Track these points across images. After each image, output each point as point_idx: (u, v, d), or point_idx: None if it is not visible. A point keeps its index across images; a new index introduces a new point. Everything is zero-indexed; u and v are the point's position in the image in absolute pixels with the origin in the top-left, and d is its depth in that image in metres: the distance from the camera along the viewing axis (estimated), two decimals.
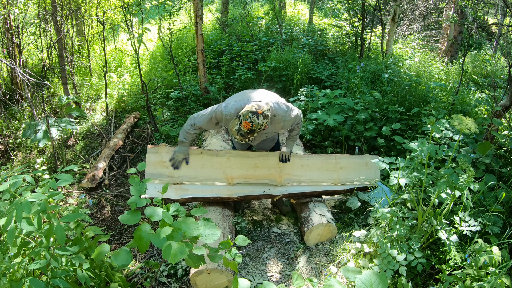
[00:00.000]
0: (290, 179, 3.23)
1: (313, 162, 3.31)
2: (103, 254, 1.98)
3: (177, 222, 1.74)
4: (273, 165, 3.13)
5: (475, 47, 9.05)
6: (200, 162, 3.04)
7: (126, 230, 3.35)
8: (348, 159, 3.44)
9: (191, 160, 3.00)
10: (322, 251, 2.93)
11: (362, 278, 1.94)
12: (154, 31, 8.48)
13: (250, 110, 2.44)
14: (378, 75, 5.48)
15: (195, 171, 3.03)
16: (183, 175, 3.02)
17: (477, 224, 2.35)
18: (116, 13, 6.20)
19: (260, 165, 3.11)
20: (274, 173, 3.16)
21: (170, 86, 6.05)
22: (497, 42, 8.24)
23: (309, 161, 3.30)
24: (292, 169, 3.22)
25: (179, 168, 2.97)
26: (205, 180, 3.06)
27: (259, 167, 3.11)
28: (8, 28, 4.92)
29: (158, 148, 2.98)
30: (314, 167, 3.30)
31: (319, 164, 3.32)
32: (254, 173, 3.11)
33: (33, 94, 4.82)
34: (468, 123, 2.14)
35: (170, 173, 2.95)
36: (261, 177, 3.16)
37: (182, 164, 2.99)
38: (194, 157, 3.02)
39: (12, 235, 1.67)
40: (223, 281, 2.46)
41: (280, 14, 9.23)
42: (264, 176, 3.16)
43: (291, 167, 3.20)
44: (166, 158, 2.97)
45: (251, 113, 2.42)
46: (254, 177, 3.13)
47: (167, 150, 2.97)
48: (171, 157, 2.97)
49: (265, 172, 3.14)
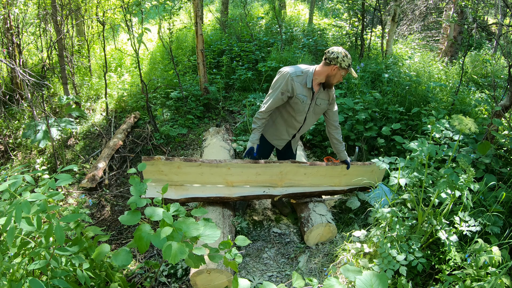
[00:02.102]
0: (291, 183, 3.18)
1: (317, 171, 3.21)
2: (103, 254, 1.98)
3: (177, 222, 1.74)
4: (275, 173, 3.08)
5: (475, 47, 9.05)
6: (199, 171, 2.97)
7: (126, 230, 3.35)
8: (355, 167, 3.31)
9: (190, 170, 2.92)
10: (322, 251, 2.93)
11: (362, 278, 1.94)
12: (154, 31, 8.48)
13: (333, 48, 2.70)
14: (378, 75, 5.48)
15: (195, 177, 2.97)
16: (182, 180, 2.97)
17: (477, 224, 2.34)
18: (116, 13, 6.21)
19: (261, 173, 3.05)
20: (276, 179, 3.11)
21: (170, 86, 6.05)
22: (497, 42, 8.24)
23: (313, 170, 3.19)
24: (294, 176, 3.16)
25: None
26: (205, 184, 3.01)
27: (260, 174, 3.05)
28: (8, 28, 4.92)
29: (154, 161, 2.80)
30: (318, 174, 3.23)
31: (323, 172, 3.24)
32: (255, 179, 3.06)
33: (33, 94, 4.82)
34: (468, 123, 2.14)
35: (169, 179, 2.89)
36: (262, 182, 3.10)
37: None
38: (192, 168, 2.91)
39: (12, 235, 1.67)
40: (223, 281, 2.46)
41: (280, 14, 9.23)
42: (265, 180, 3.10)
43: (294, 174, 3.14)
44: (163, 168, 2.84)
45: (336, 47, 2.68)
46: (255, 182, 3.08)
47: (163, 163, 2.82)
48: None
49: (266, 178, 3.08)
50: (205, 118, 5.47)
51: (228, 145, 4.22)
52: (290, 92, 2.74)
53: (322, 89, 2.84)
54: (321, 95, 2.86)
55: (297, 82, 2.72)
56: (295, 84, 2.72)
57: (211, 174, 2.96)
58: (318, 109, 2.92)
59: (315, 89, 2.80)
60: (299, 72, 2.74)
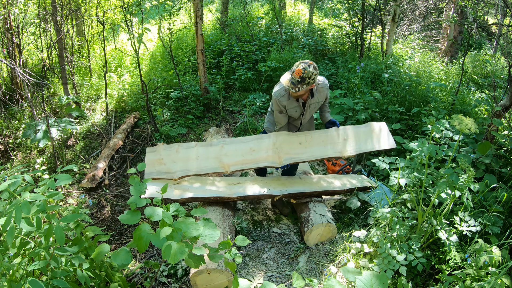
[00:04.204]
0: (290, 158, 3.07)
1: (312, 138, 3.13)
2: (103, 254, 1.98)
3: (177, 222, 1.74)
4: (269, 147, 3.03)
5: (475, 47, 9.04)
6: (195, 154, 3.07)
7: (126, 230, 3.35)
8: (351, 129, 3.23)
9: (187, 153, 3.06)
10: (322, 251, 2.93)
11: (362, 278, 1.94)
12: (154, 31, 8.48)
13: (301, 62, 2.70)
14: (378, 75, 5.48)
15: (191, 164, 3.04)
16: (180, 169, 3.03)
17: (477, 224, 2.34)
18: (116, 13, 6.20)
19: (255, 149, 3.03)
20: (272, 155, 3.03)
21: (170, 86, 6.05)
22: (497, 42, 8.24)
23: (307, 138, 3.13)
24: (290, 148, 3.06)
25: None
26: (201, 170, 3.02)
27: (255, 150, 3.02)
28: (8, 28, 4.92)
29: (156, 147, 3.09)
30: (314, 143, 3.12)
31: (319, 139, 3.14)
32: (250, 157, 3.01)
33: (33, 94, 4.82)
34: (468, 123, 2.14)
35: (168, 169, 2.97)
36: (259, 160, 3.04)
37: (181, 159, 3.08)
38: (189, 150, 3.07)
39: (12, 235, 1.67)
40: (223, 281, 2.46)
41: (280, 14, 9.23)
42: (262, 159, 3.03)
43: (289, 146, 3.05)
44: (164, 156, 3.04)
45: (302, 63, 2.67)
46: (251, 162, 3.03)
47: (164, 148, 3.07)
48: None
49: (262, 155, 3.02)
50: (205, 118, 5.47)
51: None
52: (284, 110, 2.99)
53: (311, 97, 2.95)
54: (314, 100, 3.00)
55: (284, 101, 2.91)
56: (284, 103, 2.92)
57: (207, 157, 3.01)
58: (313, 108, 3.08)
59: (304, 98, 2.95)
60: (282, 91, 2.90)
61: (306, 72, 2.63)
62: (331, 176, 3.47)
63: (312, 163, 4.38)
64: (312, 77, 2.66)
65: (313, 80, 2.68)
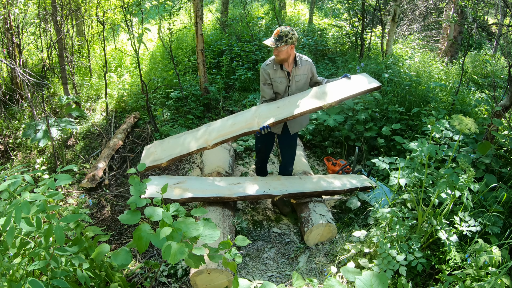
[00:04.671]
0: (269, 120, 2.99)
1: (289, 101, 3.08)
2: (103, 254, 1.98)
3: (177, 222, 1.74)
4: (248, 118, 3.09)
5: (475, 47, 9.04)
6: (182, 141, 3.21)
7: (126, 230, 3.35)
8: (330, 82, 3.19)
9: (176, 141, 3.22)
10: (322, 251, 2.93)
11: (362, 278, 1.94)
12: (154, 31, 8.48)
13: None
14: (378, 75, 5.48)
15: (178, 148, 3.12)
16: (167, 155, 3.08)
17: (477, 224, 2.34)
18: (116, 13, 6.20)
19: (236, 122, 3.12)
20: (251, 122, 3.03)
21: (170, 86, 6.05)
22: (497, 42, 8.24)
23: (285, 102, 3.08)
24: (269, 113, 3.04)
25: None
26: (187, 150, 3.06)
27: (235, 124, 3.11)
28: (8, 28, 4.92)
29: (152, 144, 3.37)
30: (293, 102, 3.06)
31: (297, 98, 3.08)
32: (230, 129, 3.08)
33: (33, 94, 4.82)
34: (468, 123, 2.14)
35: (158, 157, 3.09)
36: (238, 129, 3.04)
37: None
38: (177, 139, 3.24)
39: (12, 235, 1.67)
40: (223, 281, 2.46)
41: (280, 14, 9.23)
42: (241, 127, 3.04)
43: (267, 112, 3.04)
44: (157, 148, 3.24)
45: (282, 26, 2.88)
46: (231, 132, 3.05)
47: (158, 142, 3.31)
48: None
49: (242, 125, 3.06)
50: (205, 118, 5.47)
51: (228, 145, 4.22)
52: (268, 79, 3.06)
53: (295, 66, 3.05)
54: (299, 71, 3.08)
55: (269, 69, 3.03)
56: (268, 70, 3.03)
57: (193, 139, 3.16)
58: (300, 84, 3.15)
59: (289, 68, 3.03)
60: (268, 61, 3.06)
61: (283, 31, 2.83)
62: (331, 176, 3.47)
63: (312, 163, 4.38)
64: (289, 35, 2.83)
65: (290, 38, 2.83)
